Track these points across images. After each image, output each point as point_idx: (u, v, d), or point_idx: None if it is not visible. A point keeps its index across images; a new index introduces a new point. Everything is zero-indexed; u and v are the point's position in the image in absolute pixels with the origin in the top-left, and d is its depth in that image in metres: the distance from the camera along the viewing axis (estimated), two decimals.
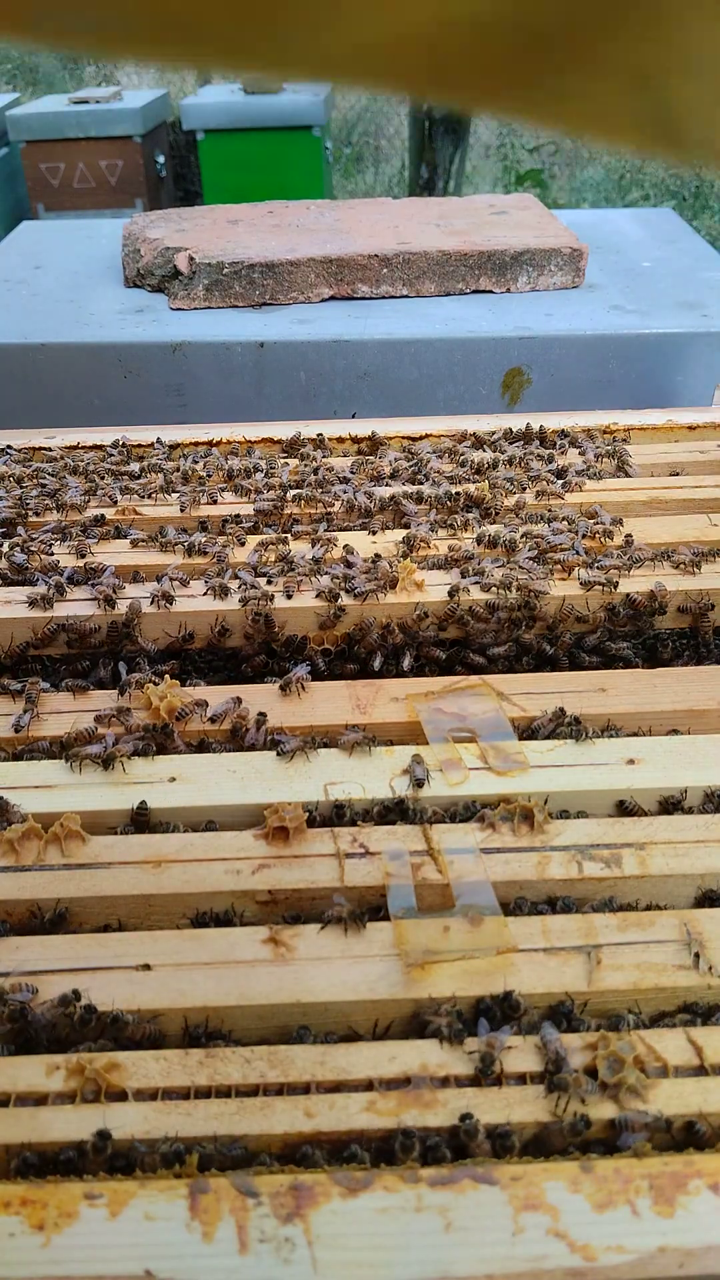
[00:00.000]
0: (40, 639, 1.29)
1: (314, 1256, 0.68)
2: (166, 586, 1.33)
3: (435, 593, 1.33)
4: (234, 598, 1.32)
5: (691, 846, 0.99)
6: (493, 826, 1.00)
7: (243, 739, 1.14)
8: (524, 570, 1.35)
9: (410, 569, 1.34)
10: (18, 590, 1.35)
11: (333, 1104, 0.78)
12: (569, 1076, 0.77)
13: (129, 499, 1.57)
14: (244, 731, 1.14)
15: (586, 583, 1.33)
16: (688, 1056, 0.81)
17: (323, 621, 1.30)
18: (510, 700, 1.18)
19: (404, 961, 0.88)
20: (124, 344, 2.27)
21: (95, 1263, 0.68)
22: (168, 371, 2.28)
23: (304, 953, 0.89)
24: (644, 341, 2.26)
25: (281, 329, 2.30)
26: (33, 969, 0.87)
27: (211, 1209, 0.71)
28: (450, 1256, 0.69)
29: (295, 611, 1.31)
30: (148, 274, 2.51)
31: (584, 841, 0.99)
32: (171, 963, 0.88)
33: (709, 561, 1.38)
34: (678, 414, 1.81)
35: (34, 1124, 0.76)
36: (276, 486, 1.57)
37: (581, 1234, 0.69)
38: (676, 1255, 0.68)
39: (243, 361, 2.27)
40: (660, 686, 1.21)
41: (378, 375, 2.27)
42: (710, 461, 1.66)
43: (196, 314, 2.41)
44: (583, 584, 1.34)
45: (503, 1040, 0.81)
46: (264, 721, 1.14)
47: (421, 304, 2.42)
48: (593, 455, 1.66)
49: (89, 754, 1.08)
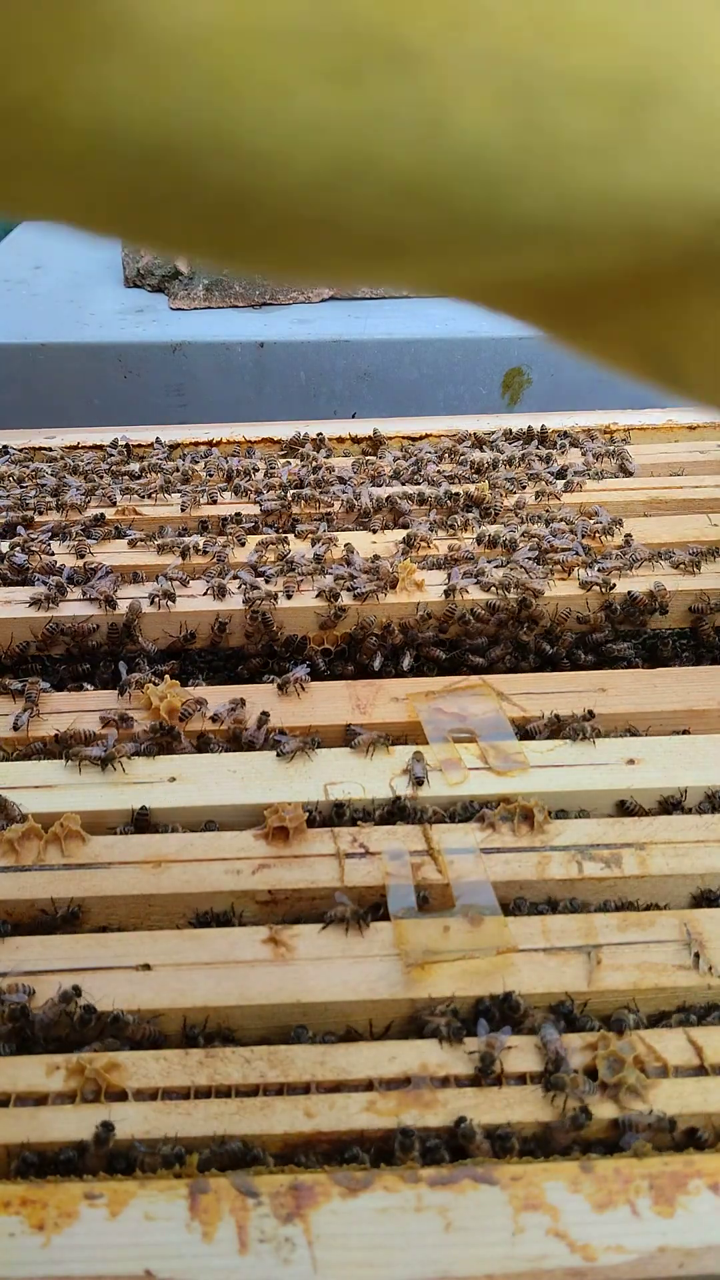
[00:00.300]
0: (41, 640, 1.29)
1: (314, 1256, 0.68)
2: (167, 586, 1.33)
3: (435, 592, 1.33)
4: (234, 598, 1.32)
5: (691, 846, 0.99)
6: (493, 826, 1.01)
7: (239, 738, 1.14)
8: (523, 569, 1.35)
9: (410, 569, 1.34)
10: (18, 590, 1.34)
11: (333, 1104, 0.78)
12: (566, 1076, 0.77)
13: (129, 499, 1.57)
14: (242, 732, 1.14)
15: (586, 583, 1.33)
16: (688, 1056, 0.81)
17: (323, 621, 1.30)
18: (510, 700, 1.18)
19: (404, 961, 0.88)
20: (124, 344, 2.27)
21: (95, 1263, 0.68)
22: (168, 371, 2.28)
23: (304, 953, 0.89)
24: None
25: (281, 329, 2.30)
26: (33, 969, 0.87)
27: (211, 1209, 0.71)
28: (450, 1256, 0.69)
29: (295, 611, 1.31)
30: (148, 274, 2.51)
31: (584, 841, 0.99)
32: (171, 963, 0.88)
33: (709, 561, 1.38)
34: (678, 414, 1.81)
35: (34, 1124, 0.77)
36: (276, 486, 1.57)
37: (581, 1234, 0.69)
38: (676, 1255, 0.69)
39: (243, 361, 2.27)
40: (660, 686, 1.21)
41: (378, 375, 2.27)
42: (710, 461, 1.66)
43: (196, 314, 2.41)
44: (582, 584, 1.34)
45: (503, 1041, 0.81)
46: (264, 720, 1.14)
47: (421, 304, 2.42)
48: (593, 455, 1.66)
49: (88, 755, 1.08)
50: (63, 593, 1.33)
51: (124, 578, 1.37)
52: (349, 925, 0.90)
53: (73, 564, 1.39)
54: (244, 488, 1.57)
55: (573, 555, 1.38)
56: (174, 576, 1.35)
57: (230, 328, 2.32)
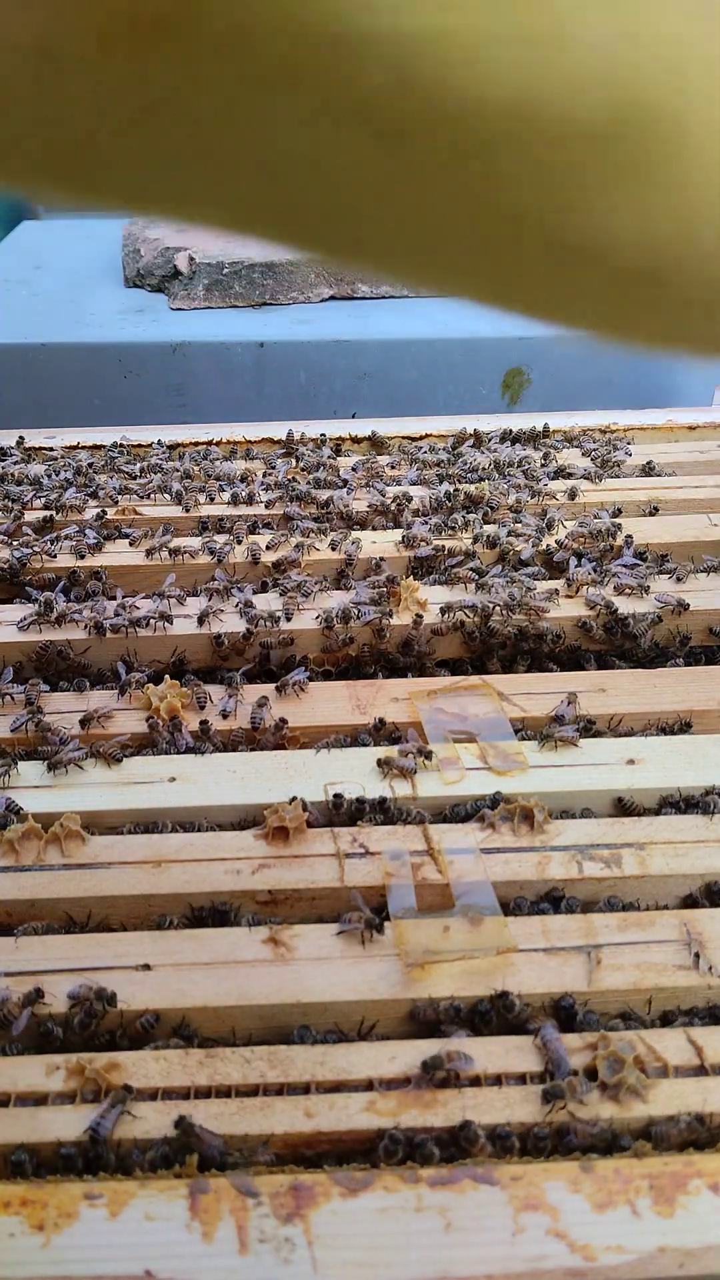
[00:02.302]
0: (36, 663, 1.27)
1: (314, 1256, 0.68)
2: (164, 606, 1.30)
3: (438, 612, 1.30)
4: (233, 620, 1.30)
5: (691, 846, 0.99)
6: (493, 826, 1.00)
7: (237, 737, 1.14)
8: (526, 587, 1.32)
9: (414, 587, 1.33)
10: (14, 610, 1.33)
11: (333, 1104, 0.78)
12: (564, 1084, 0.77)
13: (128, 499, 1.57)
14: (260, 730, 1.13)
15: (592, 602, 1.31)
16: (688, 1056, 0.81)
17: (326, 645, 1.29)
18: (510, 700, 1.18)
19: (404, 961, 0.88)
20: (124, 344, 2.27)
21: (95, 1263, 0.68)
22: (168, 371, 2.28)
23: (304, 953, 0.89)
24: None
25: (281, 329, 2.29)
26: (33, 969, 0.87)
27: (211, 1209, 0.71)
28: (450, 1256, 0.69)
29: (297, 633, 1.29)
30: (148, 274, 2.51)
31: (584, 841, 0.99)
32: (171, 963, 0.88)
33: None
34: (678, 414, 1.81)
35: (34, 1124, 0.76)
36: (274, 487, 1.57)
37: (581, 1234, 0.69)
38: (676, 1255, 0.68)
39: (243, 361, 2.26)
40: (660, 686, 1.21)
41: (378, 375, 2.27)
42: (710, 461, 1.66)
43: (196, 314, 2.41)
44: (589, 603, 1.31)
45: (461, 1047, 0.80)
46: (272, 720, 1.14)
47: (421, 304, 2.42)
48: (592, 455, 1.66)
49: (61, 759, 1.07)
50: (50, 610, 1.29)
51: (121, 577, 1.36)
52: (364, 935, 0.89)
53: (75, 564, 1.39)
54: (240, 496, 1.56)
55: (579, 570, 1.36)
56: (170, 594, 1.33)
57: (230, 328, 2.32)
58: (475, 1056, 0.80)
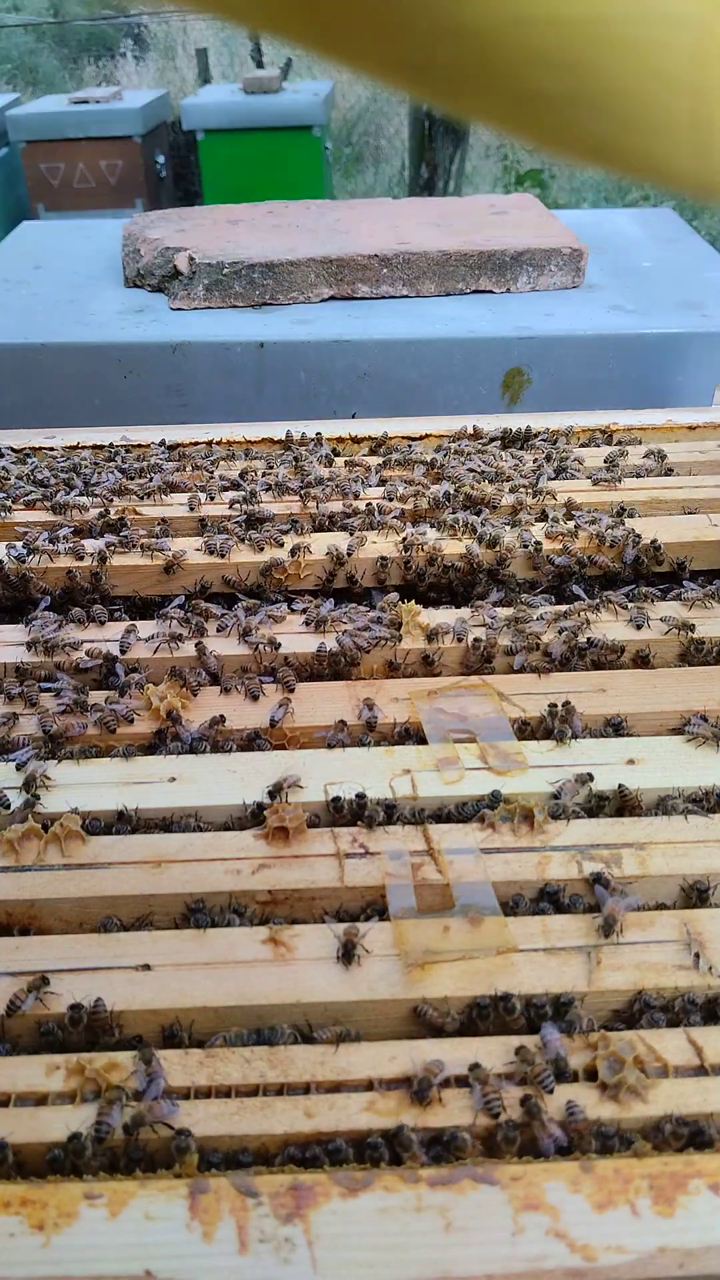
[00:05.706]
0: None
1: (314, 1256, 0.68)
2: (175, 629, 1.28)
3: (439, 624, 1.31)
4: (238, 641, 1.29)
5: (691, 846, 0.99)
6: (493, 827, 1.00)
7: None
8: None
9: (414, 610, 1.31)
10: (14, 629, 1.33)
11: (333, 1104, 0.78)
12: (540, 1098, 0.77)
13: (128, 499, 1.57)
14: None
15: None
16: (688, 1056, 0.81)
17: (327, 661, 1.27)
18: (510, 700, 1.18)
19: (404, 961, 0.88)
20: (124, 344, 2.27)
21: (95, 1263, 0.68)
22: (168, 371, 2.28)
23: (304, 953, 0.89)
24: (644, 341, 2.25)
25: (281, 329, 2.29)
26: (33, 969, 0.87)
27: (211, 1209, 0.71)
28: (450, 1256, 0.69)
29: (298, 656, 1.27)
30: (148, 274, 2.51)
31: (584, 841, 0.99)
32: (171, 963, 0.88)
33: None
34: (678, 414, 1.81)
35: (34, 1124, 0.76)
36: (274, 487, 1.57)
37: (581, 1234, 0.69)
38: (676, 1255, 0.68)
39: (243, 361, 2.27)
40: (660, 687, 1.21)
41: (378, 375, 2.27)
42: (710, 461, 1.66)
43: (196, 314, 2.41)
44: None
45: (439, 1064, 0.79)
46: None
47: (421, 304, 2.42)
48: (591, 455, 1.66)
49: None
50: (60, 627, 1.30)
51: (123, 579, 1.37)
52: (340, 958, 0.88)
53: (77, 565, 1.39)
54: (241, 487, 1.56)
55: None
56: (173, 615, 1.31)
57: (230, 328, 2.32)
58: (475, 1057, 0.80)
